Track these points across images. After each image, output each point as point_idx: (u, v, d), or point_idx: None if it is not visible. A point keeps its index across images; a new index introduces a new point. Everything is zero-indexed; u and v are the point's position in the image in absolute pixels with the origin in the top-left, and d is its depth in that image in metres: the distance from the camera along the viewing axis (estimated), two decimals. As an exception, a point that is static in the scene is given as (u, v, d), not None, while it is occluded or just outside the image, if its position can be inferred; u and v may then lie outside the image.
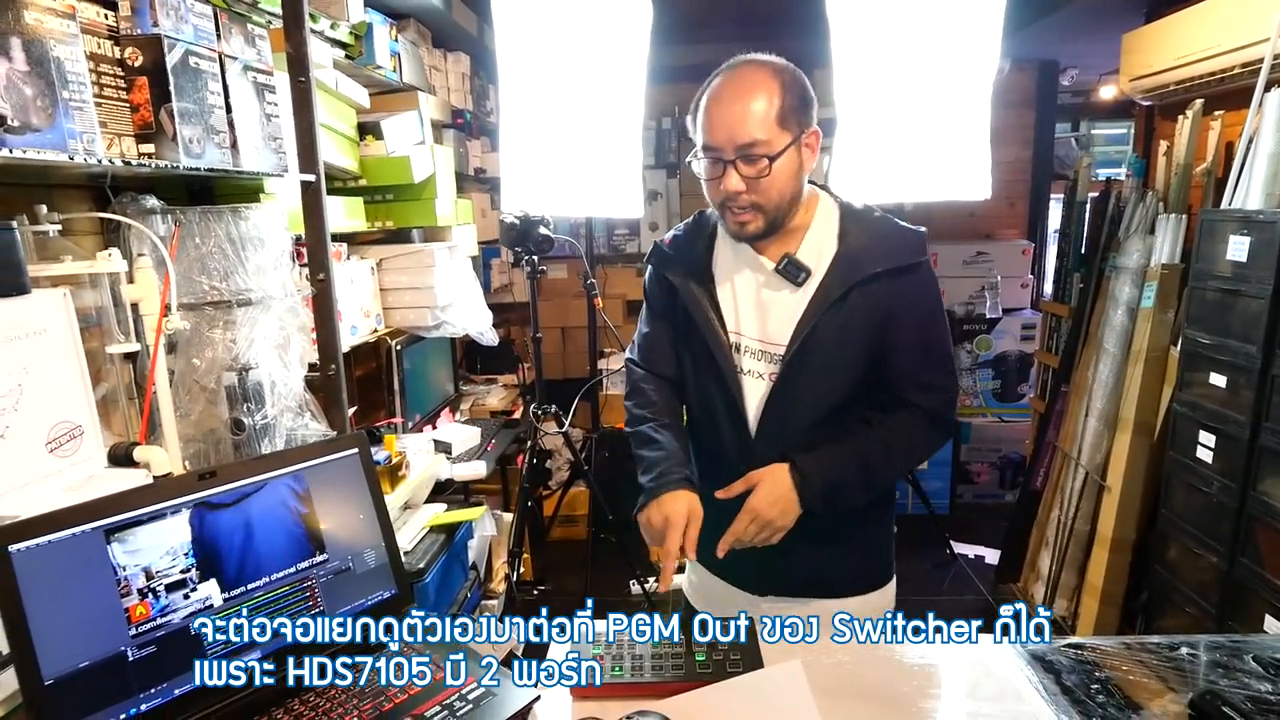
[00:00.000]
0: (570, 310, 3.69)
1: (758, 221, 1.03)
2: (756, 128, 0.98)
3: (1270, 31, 1.87)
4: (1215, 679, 0.85)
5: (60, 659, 0.74)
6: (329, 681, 0.86)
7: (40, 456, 0.94)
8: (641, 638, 0.92)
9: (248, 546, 0.89)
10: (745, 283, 1.11)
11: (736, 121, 0.98)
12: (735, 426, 1.11)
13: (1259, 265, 1.74)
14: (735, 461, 1.11)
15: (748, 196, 1.01)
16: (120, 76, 1.11)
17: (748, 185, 1.00)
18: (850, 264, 1.04)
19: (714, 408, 1.13)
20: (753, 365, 1.10)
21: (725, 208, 1.04)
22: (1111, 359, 2.39)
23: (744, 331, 1.10)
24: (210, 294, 1.29)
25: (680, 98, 3.73)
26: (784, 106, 0.99)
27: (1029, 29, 2.84)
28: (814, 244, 1.07)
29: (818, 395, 1.07)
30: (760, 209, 1.02)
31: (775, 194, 1.01)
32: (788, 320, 1.05)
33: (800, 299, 1.06)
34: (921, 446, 1.11)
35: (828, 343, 1.04)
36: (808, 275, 1.05)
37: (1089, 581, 2.40)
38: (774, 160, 0.99)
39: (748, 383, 1.10)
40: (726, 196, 1.02)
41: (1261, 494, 1.73)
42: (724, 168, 1.00)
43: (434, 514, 1.94)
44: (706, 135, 1.02)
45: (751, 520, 1.03)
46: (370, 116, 2.08)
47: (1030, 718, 0.79)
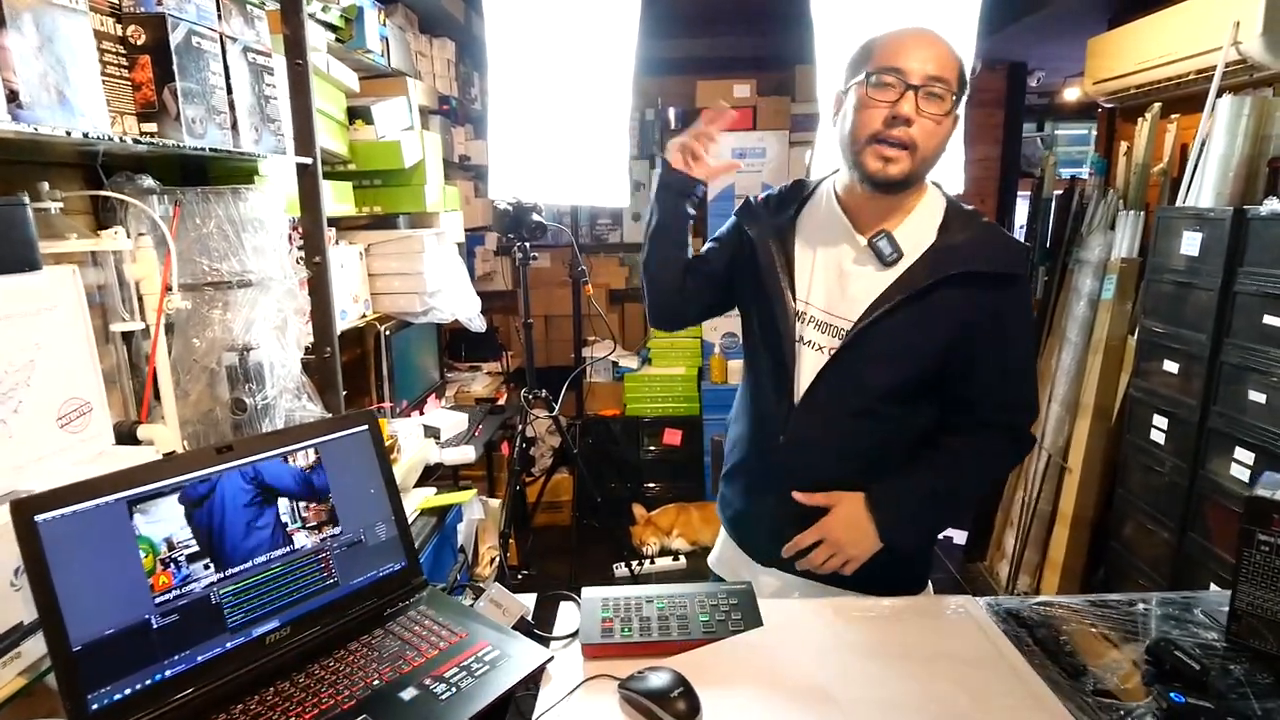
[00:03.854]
0: (554, 298, 3.71)
1: (904, 163, 0.96)
2: (949, 68, 0.95)
3: (1223, 41, 1.98)
4: (1168, 629, 0.93)
5: (87, 626, 0.76)
6: (347, 648, 0.89)
7: (52, 432, 0.94)
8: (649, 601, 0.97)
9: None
10: (829, 252, 1.07)
11: (936, 53, 0.94)
12: (780, 394, 1.08)
13: (1210, 259, 1.85)
14: (775, 430, 1.08)
15: (910, 132, 0.94)
16: (122, 55, 1.11)
17: (919, 121, 0.94)
18: (946, 256, 0.99)
19: (765, 370, 1.11)
20: (814, 336, 1.06)
21: (876, 140, 0.96)
22: (1073, 347, 2.51)
23: (812, 301, 1.06)
24: (210, 274, 1.30)
25: (665, 90, 3.77)
26: (962, 69, 0.97)
27: (1002, 32, 2.94)
28: (913, 229, 1.03)
29: (874, 380, 1.02)
30: (914, 152, 0.96)
31: (934, 144, 0.97)
32: (863, 297, 1.02)
33: (883, 279, 1.02)
34: (1000, 468, 1.09)
35: (900, 330, 1.00)
36: (898, 257, 1.01)
37: (1051, 558, 2.52)
38: (956, 105, 0.95)
39: (804, 353, 1.06)
40: (892, 121, 0.94)
41: (1210, 473, 1.85)
42: (903, 93, 0.94)
43: (425, 497, 1.97)
44: (891, 57, 0.95)
45: (821, 537, 1.02)
46: (359, 101, 2.07)
47: (1008, 667, 0.86)
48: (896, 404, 1.04)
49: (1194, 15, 2.16)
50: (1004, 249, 1.02)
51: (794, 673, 0.86)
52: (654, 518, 3.23)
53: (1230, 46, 1.97)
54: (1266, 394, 1.68)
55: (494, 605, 0.99)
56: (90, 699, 0.74)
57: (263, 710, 0.79)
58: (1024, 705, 0.80)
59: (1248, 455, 1.72)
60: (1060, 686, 0.82)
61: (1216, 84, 2.03)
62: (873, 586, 1.05)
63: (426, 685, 0.82)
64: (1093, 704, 0.80)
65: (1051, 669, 0.85)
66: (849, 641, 0.92)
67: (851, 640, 0.92)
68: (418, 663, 0.87)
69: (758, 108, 3.49)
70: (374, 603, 0.97)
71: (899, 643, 0.91)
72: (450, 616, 0.95)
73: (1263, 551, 0.87)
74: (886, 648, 0.90)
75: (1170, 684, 0.81)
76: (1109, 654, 0.89)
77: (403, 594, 1.00)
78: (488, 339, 3.24)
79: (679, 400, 3.56)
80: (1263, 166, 1.96)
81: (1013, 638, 0.92)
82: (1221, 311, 1.81)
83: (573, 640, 0.94)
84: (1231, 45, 1.97)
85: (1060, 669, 0.85)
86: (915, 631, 0.94)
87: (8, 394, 0.88)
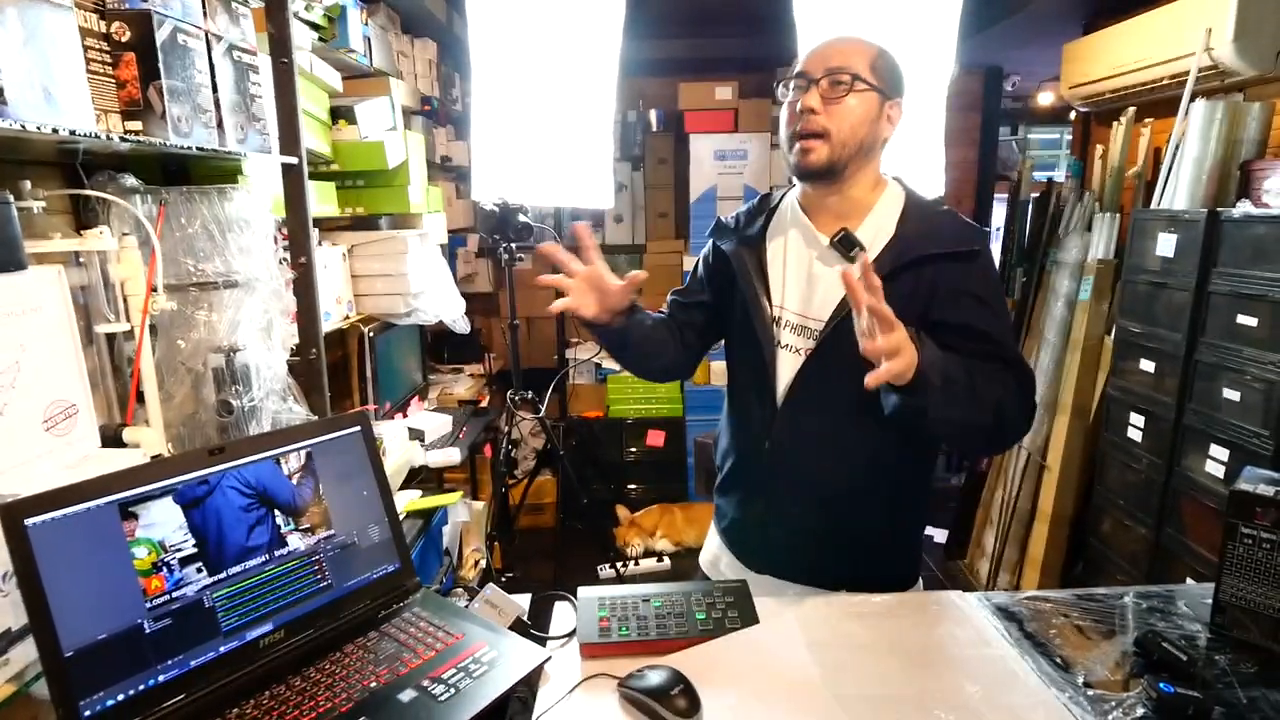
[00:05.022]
0: (535, 300, 3.68)
1: (822, 151, 1.02)
2: (849, 58, 1.02)
3: (1196, 47, 2.04)
4: (1154, 622, 0.95)
5: (79, 632, 0.75)
6: (343, 651, 0.89)
7: (37, 435, 0.92)
8: (645, 600, 0.97)
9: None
10: (797, 256, 1.11)
11: (833, 50, 1.04)
12: (762, 399, 1.11)
13: (1184, 260, 1.90)
14: (759, 433, 1.11)
15: (820, 119, 1.01)
16: (106, 52, 1.09)
17: (825, 107, 1.01)
18: (902, 245, 1.04)
19: (746, 378, 1.14)
20: (790, 339, 1.09)
21: (795, 137, 1.04)
22: (1051, 347, 2.56)
23: (787, 305, 1.10)
24: (195, 275, 1.28)
25: (646, 92, 3.77)
26: (878, 61, 1.04)
27: (979, 36, 2.99)
28: (873, 224, 1.07)
29: (850, 375, 0.96)
30: (827, 138, 1.02)
31: (847, 126, 1.02)
32: (832, 296, 1.05)
33: None
34: (1006, 395, 0.97)
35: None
36: (861, 251, 1.04)
37: (1030, 555, 2.57)
38: (855, 84, 1.01)
39: (783, 356, 1.09)
40: (800, 115, 1.03)
41: (1185, 469, 1.90)
42: (807, 87, 1.02)
43: (410, 499, 1.95)
44: (800, 65, 1.05)
45: (890, 349, 0.86)
46: (342, 101, 2.05)
47: (999, 659, 0.88)
48: (876, 397, 1.01)
49: (1167, 21, 2.21)
50: (957, 230, 1.06)
51: (791, 668, 0.86)
52: (638, 519, 3.23)
53: (1203, 52, 2.02)
54: (1240, 392, 1.72)
55: (489, 606, 0.99)
56: (82, 705, 0.73)
57: (259, 714, 0.78)
58: (1017, 697, 0.81)
59: (1222, 452, 1.77)
60: (1051, 678, 0.84)
61: (1190, 89, 2.09)
62: (867, 585, 1.06)
63: (424, 687, 0.82)
64: (1083, 695, 0.81)
65: (1042, 661, 0.87)
66: (844, 637, 0.93)
67: (846, 636, 0.93)
68: (415, 664, 0.86)
69: (739, 110, 3.51)
70: (368, 605, 0.96)
71: (893, 638, 0.93)
72: (445, 618, 0.94)
73: (1246, 544, 0.90)
74: (881, 643, 0.92)
75: (1158, 674, 0.83)
76: (1097, 646, 0.91)
77: (397, 596, 0.99)
78: (470, 341, 3.22)
79: (662, 401, 3.57)
80: (1235, 169, 2.02)
81: (1003, 632, 0.93)
82: (1196, 311, 1.86)
83: (569, 640, 0.94)
84: (1204, 51, 2.02)
85: (1051, 661, 0.87)
86: (909, 627, 0.95)
87: (-9, 396, 0.86)
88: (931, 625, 0.95)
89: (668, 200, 3.79)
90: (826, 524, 1.09)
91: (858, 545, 1.11)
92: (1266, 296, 1.66)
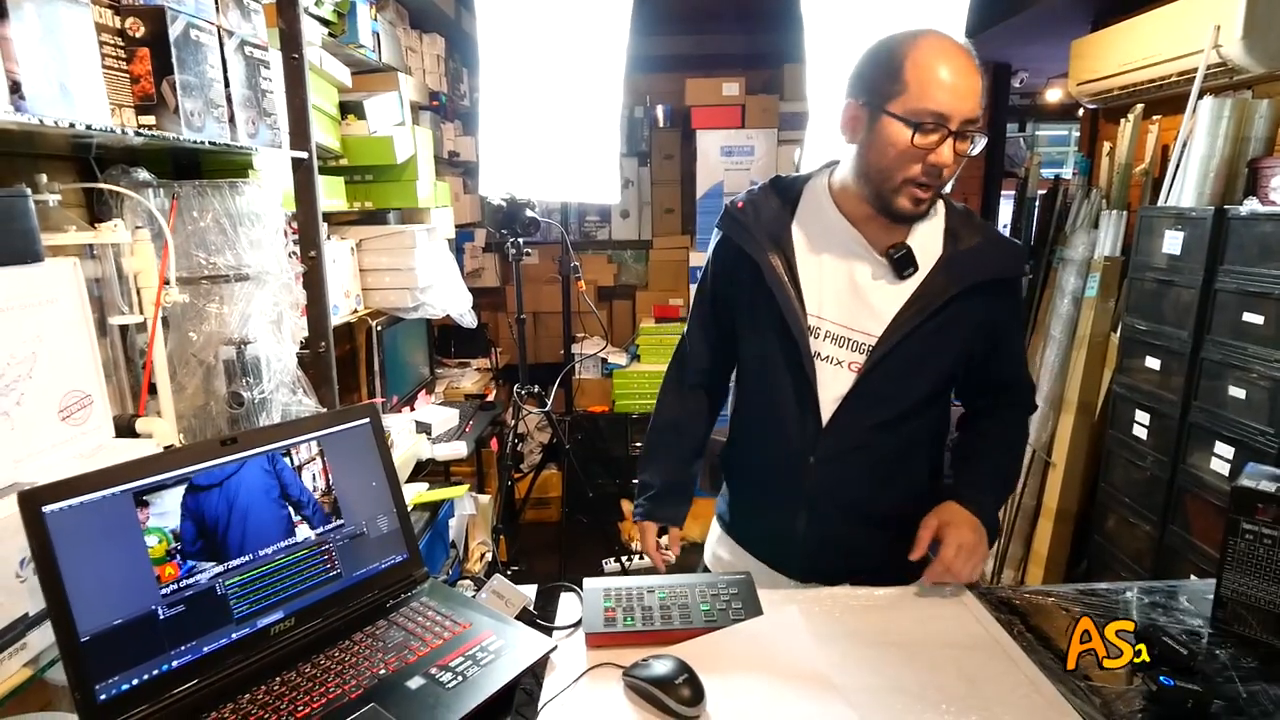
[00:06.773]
0: (542, 295, 3.71)
1: (931, 200, 0.98)
2: (978, 102, 0.92)
3: (1204, 44, 2.03)
4: (1155, 617, 0.96)
5: (95, 617, 0.76)
6: (352, 639, 0.90)
7: (53, 425, 0.94)
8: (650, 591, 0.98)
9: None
10: (837, 265, 1.04)
11: (971, 93, 0.91)
12: (803, 413, 1.05)
13: (1191, 258, 1.90)
14: (801, 450, 1.06)
15: (943, 174, 0.95)
16: (120, 47, 1.10)
17: (955, 163, 0.94)
18: (960, 267, 1.01)
19: (781, 393, 1.07)
20: (831, 351, 1.04)
21: (914, 184, 0.95)
22: (1057, 344, 2.56)
23: (825, 315, 1.04)
24: (206, 268, 1.29)
25: (653, 87, 3.78)
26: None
27: (987, 32, 2.98)
28: (922, 238, 1.03)
29: (902, 393, 1.03)
30: (939, 189, 0.97)
31: (952, 175, 0.97)
32: (885, 312, 1.01)
33: (902, 292, 1.02)
34: (1024, 438, 1.19)
35: (925, 341, 1.01)
36: (915, 270, 1.01)
37: (1034, 551, 2.57)
38: (978, 134, 0.94)
39: (824, 369, 1.04)
40: (931, 170, 0.93)
41: (1190, 467, 1.90)
42: (943, 138, 0.92)
43: (417, 492, 1.97)
44: (934, 98, 0.90)
45: (967, 555, 1.00)
46: (350, 96, 2.07)
47: (1003, 653, 0.89)
48: (920, 412, 1.07)
49: (1175, 18, 2.20)
50: (1011, 255, 1.08)
51: (795, 660, 0.87)
52: (643, 514, 3.24)
53: (1211, 49, 2.01)
54: (1246, 389, 1.72)
55: (496, 596, 1.00)
56: (98, 689, 0.74)
57: (270, 700, 0.79)
58: (1019, 689, 0.82)
59: (1227, 450, 1.77)
60: (1053, 671, 0.85)
61: (1198, 86, 2.08)
62: (878, 581, 1.05)
63: (433, 674, 0.83)
64: (1085, 688, 0.82)
65: (1044, 654, 0.88)
66: (848, 629, 0.94)
67: (850, 628, 0.94)
68: (423, 652, 0.87)
69: (746, 105, 3.51)
70: (377, 594, 0.98)
71: (897, 630, 0.93)
72: (453, 607, 0.96)
73: (1247, 540, 0.90)
74: (885, 635, 0.92)
75: (1159, 668, 0.83)
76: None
77: (405, 585, 1.01)
78: (477, 335, 3.24)
79: (668, 397, 3.57)
80: (1242, 167, 2.01)
81: (1006, 625, 0.94)
82: (1202, 309, 1.85)
83: (575, 630, 0.95)
84: (1212, 48, 2.01)
85: (1053, 654, 0.88)
86: (913, 620, 0.96)
87: (10, 386, 0.88)
88: (935, 619, 0.96)
89: (674, 196, 3.80)
90: (867, 533, 1.11)
91: (888, 548, 1.10)
92: (1273, 294, 1.65)
